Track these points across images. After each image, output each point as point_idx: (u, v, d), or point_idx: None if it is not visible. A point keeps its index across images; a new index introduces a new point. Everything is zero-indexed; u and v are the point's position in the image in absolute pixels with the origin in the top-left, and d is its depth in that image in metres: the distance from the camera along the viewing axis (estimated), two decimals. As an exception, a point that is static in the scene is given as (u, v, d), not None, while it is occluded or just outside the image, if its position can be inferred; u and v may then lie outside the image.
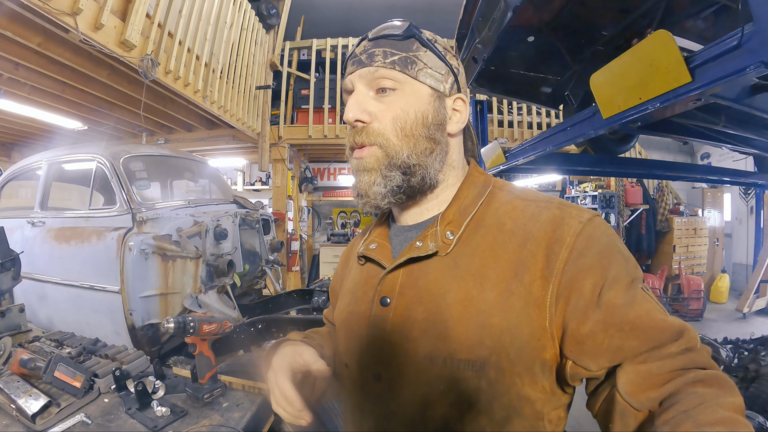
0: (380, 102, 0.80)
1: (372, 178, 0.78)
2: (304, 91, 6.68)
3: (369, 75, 0.80)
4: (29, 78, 3.87)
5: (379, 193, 0.78)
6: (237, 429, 1.38)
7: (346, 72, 0.86)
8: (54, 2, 2.34)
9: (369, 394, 0.77)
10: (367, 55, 0.80)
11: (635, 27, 2.28)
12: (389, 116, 0.78)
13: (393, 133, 0.78)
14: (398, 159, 0.78)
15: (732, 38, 1.26)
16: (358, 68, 0.81)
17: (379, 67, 0.79)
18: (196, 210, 3.35)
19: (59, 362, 1.56)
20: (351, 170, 0.85)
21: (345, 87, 0.85)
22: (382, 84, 0.79)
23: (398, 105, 0.79)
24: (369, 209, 0.82)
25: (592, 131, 2.15)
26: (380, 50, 0.80)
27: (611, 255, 0.68)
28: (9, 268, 2.13)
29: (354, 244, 1.02)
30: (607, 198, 7.32)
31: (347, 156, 0.85)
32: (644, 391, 0.58)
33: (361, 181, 0.80)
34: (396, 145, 0.78)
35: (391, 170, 0.78)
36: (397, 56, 0.79)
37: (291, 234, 6.94)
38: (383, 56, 0.79)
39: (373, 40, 0.82)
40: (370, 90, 0.81)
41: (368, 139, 0.78)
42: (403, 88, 0.79)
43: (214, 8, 4.21)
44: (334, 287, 1.06)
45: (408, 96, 0.79)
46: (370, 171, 0.79)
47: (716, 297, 7.78)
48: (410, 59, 0.80)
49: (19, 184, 4.00)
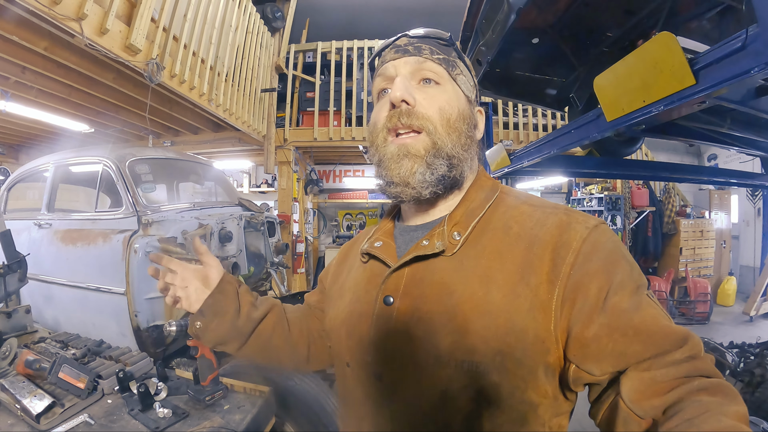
0: (424, 91, 0.81)
1: (415, 166, 0.77)
2: (309, 93, 6.69)
3: (416, 64, 0.82)
4: (36, 81, 3.92)
5: (425, 181, 0.77)
6: (237, 431, 1.38)
7: (382, 59, 0.87)
8: (59, 7, 2.37)
9: (370, 394, 0.77)
10: (414, 48, 0.83)
11: (640, 28, 2.26)
12: (436, 105, 0.79)
13: (440, 122, 0.79)
14: (444, 149, 0.78)
15: (736, 40, 1.24)
16: (404, 56, 0.83)
17: (427, 59, 0.82)
18: (201, 212, 3.36)
19: (64, 363, 1.57)
20: (378, 156, 0.83)
21: (385, 72, 0.85)
22: (427, 75, 0.82)
23: (443, 98, 0.81)
24: (405, 198, 0.80)
25: (597, 134, 2.14)
26: (427, 46, 0.83)
27: (617, 261, 0.68)
28: (15, 270, 2.15)
29: (356, 241, 1.02)
30: (613, 200, 7.29)
31: (377, 142, 0.83)
32: (648, 398, 0.58)
33: (401, 167, 0.78)
34: (443, 134, 0.78)
35: (436, 159, 0.78)
36: (442, 55, 0.84)
37: (296, 236, 6.95)
38: (430, 52, 0.83)
39: (418, 37, 0.85)
40: (413, 79, 0.82)
41: (417, 122, 0.78)
42: (445, 85, 0.82)
43: (219, 12, 4.24)
44: (323, 278, 1.08)
45: (449, 92, 0.82)
46: (415, 157, 0.77)
47: (723, 300, 7.72)
48: (452, 62, 0.85)
49: (26, 186, 4.03)
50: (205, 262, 0.97)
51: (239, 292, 0.97)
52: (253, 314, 0.96)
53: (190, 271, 0.95)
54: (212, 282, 0.95)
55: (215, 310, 0.92)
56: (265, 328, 0.98)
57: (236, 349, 0.97)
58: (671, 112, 1.63)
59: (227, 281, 0.96)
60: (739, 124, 2.14)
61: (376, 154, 0.83)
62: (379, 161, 0.82)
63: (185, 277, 0.94)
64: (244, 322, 0.95)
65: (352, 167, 9.35)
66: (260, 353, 1.01)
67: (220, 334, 0.93)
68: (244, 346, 0.97)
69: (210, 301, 0.93)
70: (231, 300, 0.95)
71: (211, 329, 0.92)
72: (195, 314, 0.93)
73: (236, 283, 0.99)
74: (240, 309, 0.95)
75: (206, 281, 0.95)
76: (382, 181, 0.82)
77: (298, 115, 6.79)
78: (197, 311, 0.93)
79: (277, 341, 1.00)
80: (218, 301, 0.93)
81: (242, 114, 5.15)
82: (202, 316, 0.92)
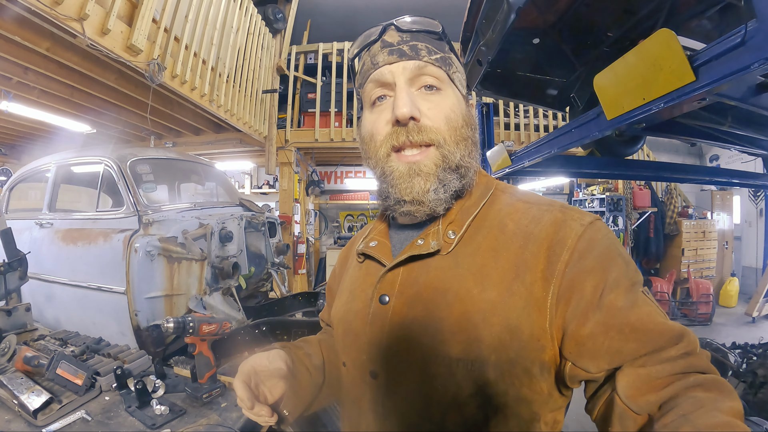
0: (427, 100, 0.76)
1: (427, 185, 0.74)
2: (310, 94, 6.71)
3: (416, 70, 0.76)
4: (38, 82, 3.94)
5: (439, 199, 0.74)
6: (234, 429, 1.38)
7: (373, 58, 0.79)
8: (61, 8, 2.38)
9: (366, 393, 0.77)
10: (410, 47, 0.76)
11: (640, 27, 2.26)
12: (441, 115, 0.75)
13: (448, 133, 0.75)
14: (453, 161, 0.75)
15: (735, 35, 1.24)
16: (402, 60, 0.76)
17: (428, 63, 0.76)
18: (202, 212, 3.37)
19: (62, 360, 1.57)
20: (381, 171, 0.78)
21: (380, 78, 0.77)
22: (428, 81, 0.76)
23: (447, 105, 0.76)
24: (419, 216, 0.77)
25: (597, 132, 2.13)
26: (423, 45, 0.77)
27: (612, 258, 0.67)
28: (16, 268, 2.16)
29: (354, 243, 1.00)
30: (614, 201, 7.28)
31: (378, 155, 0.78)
32: (643, 394, 0.58)
33: (413, 186, 0.74)
34: (452, 146, 0.75)
35: (447, 173, 0.75)
36: (439, 54, 0.78)
37: (297, 237, 6.96)
38: (428, 52, 0.77)
39: (410, 32, 0.78)
40: (412, 86, 0.76)
41: (426, 137, 0.73)
42: (446, 89, 0.77)
43: (220, 13, 4.25)
44: (331, 286, 1.05)
45: (452, 97, 0.78)
46: (427, 175, 0.74)
47: (725, 301, 7.71)
48: (448, 60, 0.79)
49: (28, 186, 4.05)
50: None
51: (298, 357, 0.89)
52: (315, 362, 0.91)
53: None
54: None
55: (294, 391, 0.83)
56: (329, 368, 0.93)
57: (317, 402, 0.91)
58: (672, 109, 1.62)
59: (282, 358, 0.85)
60: (740, 122, 2.14)
61: (378, 167, 0.79)
62: (382, 176, 0.78)
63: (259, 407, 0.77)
64: (315, 377, 0.89)
65: (353, 168, 9.35)
66: (334, 391, 0.93)
67: (305, 403, 0.86)
68: (320, 394, 0.91)
69: (289, 393, 0.82)
70: (300, 371, 0.86)
71: (298, 407, 0.84)
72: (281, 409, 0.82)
73: (286, 356, 0.87)
74: (308, 369, 0.89)
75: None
76: (390, 199, 0.78)
77: (299, 116, 6.81)
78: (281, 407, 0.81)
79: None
80: (293, 385, 0.83)
81: (243, 115, 5.17)
82: (287, 405, 0.82)
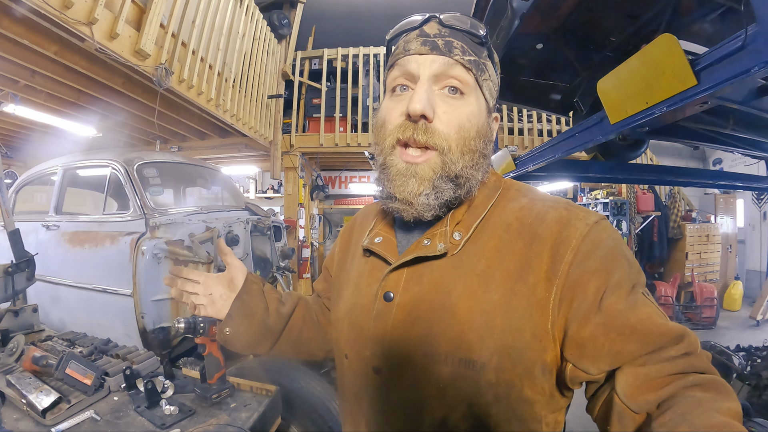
0: (446, 103, 0.73)
1: (420, 188, 0.73)
2: (315, 100, 6.75)
3: (444, 66, 0.73)
4: (45, 85, 3.98)
5: (428, 205, 0.74)
6: (244, 429, 1.39)
7: (406, 44, 0.76)
8: (70, 12, 2.41)
9: (367, 387, 0.77)
10: (445, 43, 0.73)
11: (643, 32, 2.28)
12: (455, 122, 0.73)
13: (456, 141, 0.73)
14: (452, 170, 0.73)
15: (736, 39, 1.26)
16: (432, 53, 0.73)
17: (458, 62, 0.73)
18: (208, 216, 3.39)
19: (71, 360, 1.58)
20: (383, 160, 0.78)
21: (406, 65, 0.75)
22: (453, 83, 0.73)
23: (465, 112, 0.74)
24: (405, 216, 0.77)
25: (601, 137, 2.15)
26: (459, 43, 0.74)
27: (616, 259, 0.67)
28: (24, 269, 2.17)
29: (360, 226, 0.97)
30: (618, 205, 7.26)
31: (384, 144, 0.77)
32: (642, 393, 0.58)
33: (405, 185, 0.74)
34: (455, 155, 0.73)
35: (443, 182, 0.73)
36: (472, 57, 0.75)
37: (302, 241, 6.97)
38: (461, 52, 0.74)
39: (450, 28, 0.76)
40: (436, 84, 0.74)
41: (431, 140, 0.72)
42: (470, 95, 0.75)
43: (227, 19, 4.29)
44: (328, 265, 1.06)
45: (473, 105, 0.75)
46: (422, 179, 0.73)
47: (729, 304, 7.69)
48: (481, 65, 0.76)
49: (34, 189, 4.07)
50: (229, 264, 0.96)
51: (264, 290, 0.96)
52: (282, 310, 0.95)
53: (213, 279, 0.95)
54: (237, 285, 0.94)
55: (244, 312, 0.91)
56: (295, 322, 0.97)
57: (269, 348, 0.96)
58: (674, 113, 1.64)
59: (252, 281, 0.95)
60: (742, 125, 2.15)
61: (381, 155, 0.78)
62: (383, 166, 0.78)
63: (208, 285, 0.94)
64: (274, 320, 0.94)
65: (357, 173, 9.36)
66: (293, 348, 1.00)
67: (251, 335, 0.92)
68: (277, 344, 0.96)
69: (238, 304, 0.91)
70: (258, 299, 0.94)
71: (242, 332, 0.91)
72: (224, 320, 0.92)
73: (261, 282, 0.98)
74: (268, 307, 0.94)
75: (231, 285, 0.94)
76: (384, 192, 0.79)
77: (304, 121, 6.84)
78: (226, 316, 0.91)
79: (308, 333, 0.99)
80: (246, 302, 0.92)
81: (249, 119, 5.19)
82: (231, 320, 0.91)
